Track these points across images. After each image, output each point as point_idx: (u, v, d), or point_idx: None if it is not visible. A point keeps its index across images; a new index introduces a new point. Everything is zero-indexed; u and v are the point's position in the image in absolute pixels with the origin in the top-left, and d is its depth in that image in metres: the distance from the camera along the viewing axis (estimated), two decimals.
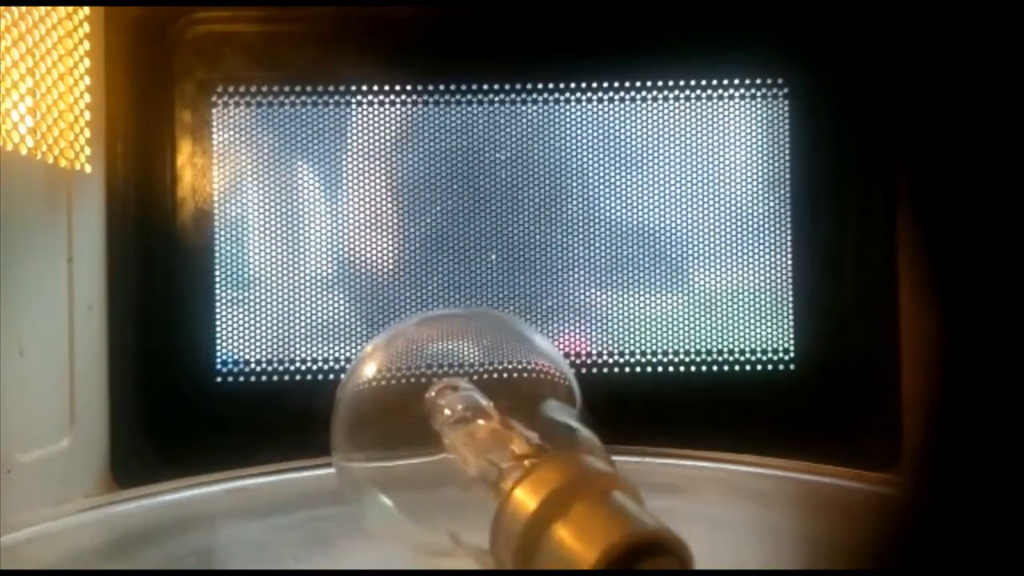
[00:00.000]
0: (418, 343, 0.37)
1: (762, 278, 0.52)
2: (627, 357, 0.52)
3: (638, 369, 0.52)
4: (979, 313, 0.26)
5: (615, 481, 0.26)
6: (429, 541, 0.32)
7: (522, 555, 0.25)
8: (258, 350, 0.51)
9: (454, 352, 0.36)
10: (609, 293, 0.52)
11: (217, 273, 0.51)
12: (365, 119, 0.52)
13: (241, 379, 0.51)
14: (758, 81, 0.52)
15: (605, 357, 0.52)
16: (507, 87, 0.52)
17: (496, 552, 0.27)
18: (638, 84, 0.52)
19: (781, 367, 0.52)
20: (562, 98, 0.52)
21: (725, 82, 0.52)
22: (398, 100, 0.52)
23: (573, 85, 0.52)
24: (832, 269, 0.52)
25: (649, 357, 0.52)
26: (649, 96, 0.52)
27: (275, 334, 0.51)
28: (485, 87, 0.52)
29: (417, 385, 0.34)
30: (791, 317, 0.52)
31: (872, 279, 0.50)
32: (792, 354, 0.52)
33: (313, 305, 0.52)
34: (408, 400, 0.34)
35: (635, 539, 0.24)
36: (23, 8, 0.40)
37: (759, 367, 0.52)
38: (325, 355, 0.51)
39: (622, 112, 0.52)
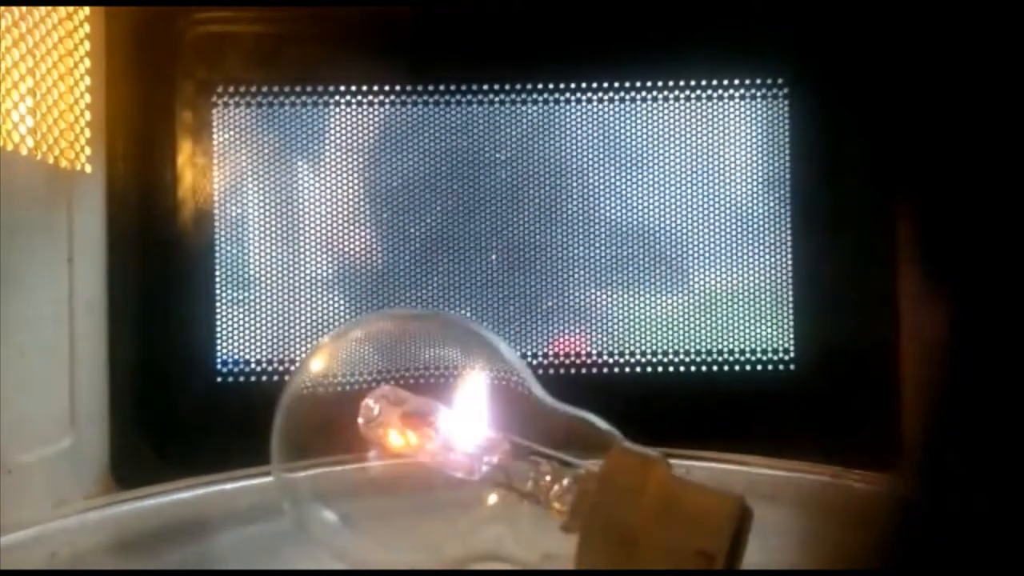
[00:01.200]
0: (367, 345, 0.36)
1: (762, 278, 0.52)
2: (627, 357, 0.52)
3: (638, 369, 0.52)
4: (979, 314, 0.26)
5: (666, 462, 0.27)
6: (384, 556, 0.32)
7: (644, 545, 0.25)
8: (258, 350, 0.51)
9: (407, 355, 0.36)
10: (609, 293, 0.52)
11: (217, 273, 0.51)
12: (365, 119, 0.52)
13: (241, 379, 0.51)
14: (758, 81, 0.52)
15: (605, 357, 0.52)
16: (507, 87, 0.52)
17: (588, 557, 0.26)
18: (638, 84, 0.52)
19: (781, 367, 0.52)
20: (562, 98, 0.52)
21: (725, 82, 0.52)
22: (398, 100, 0.52)
23: (573, 85, 0.52)
24: (832, 269, 0.51)
25: (649, 357, 0.52)
26: (649, 96, 0.52)
27: (275, 334, 0.51)
28: (485, 87, 0.52)
29: (360, 390, 0.33)
30: (791, 317, 0.52)
31: (872, 279, 0.50)
32: (792, 354, 0.52)
33: (313, 305, 0.51)
34: (353, 405, 0.33)
35: (742, 508, 0.25)
36: (24, 8, 0.40)
37: (759, 367, 0.52)
38: None
39: (622, 112, 0.52)
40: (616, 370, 0.52)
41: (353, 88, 0.51)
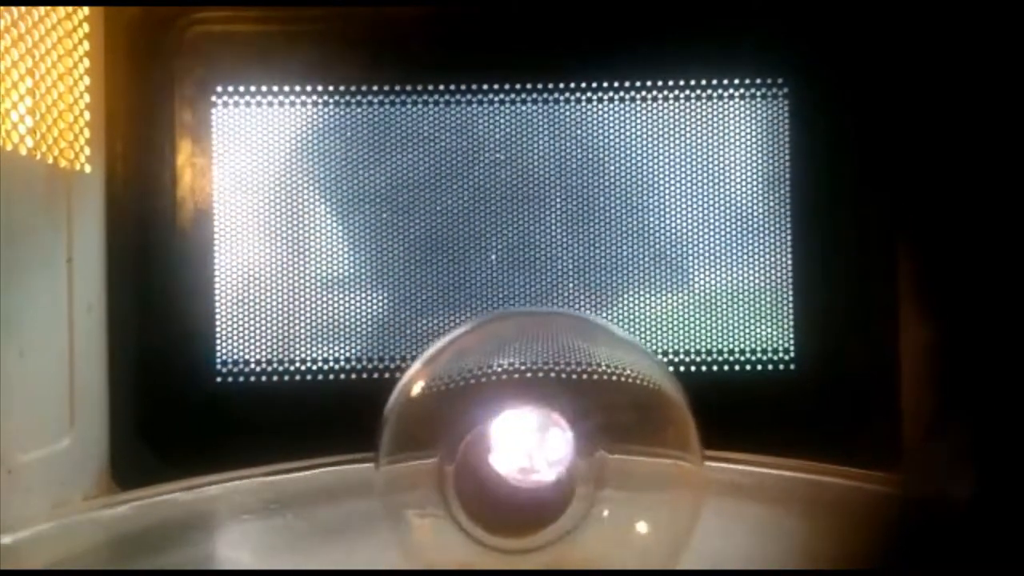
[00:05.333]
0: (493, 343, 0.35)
1: (762, 278, 0.52)
2: None
3: None
4: (974, 322, 0.26)
5: None
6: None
7: None
8: (258, 350, 0.51)
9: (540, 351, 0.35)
10: (609, 293, 0.52)
11: (217, 273, 0.51)
12: (364, 119, 0.52)
13: (241, 379, 0.51)
14: (758, 81, 0.52)
15: None
16: (507, 87, 0.52)
17: None
18: (638, 84, 0.52)
19: (781, 367, 0.52)
20: (561, 98, 0.52)
21: (725, 82, 0.52)
22: (398, 100, 0.52)
23: (572, 85, 0.52)
24: (832, 269, 0.51)
25: None
26: (649, 96, 0.52)
27: (275, 334, 0.51)
28: (485, 87, 0.52)
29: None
30: (791, 317, 0.52)
31: (872, 279, 0.50)
32: (792, 354, 0.52)
33: (313, 305, 0.51)
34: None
35: None
36: (23, 8, 0.40)
37: (759, 367, 0.52)
38: (325, 355, 0.51)
39: (622, 112, 0.52)
40: None
41: (352, 88, 0.51)
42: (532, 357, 0.34)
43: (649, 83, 0.52)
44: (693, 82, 0.52)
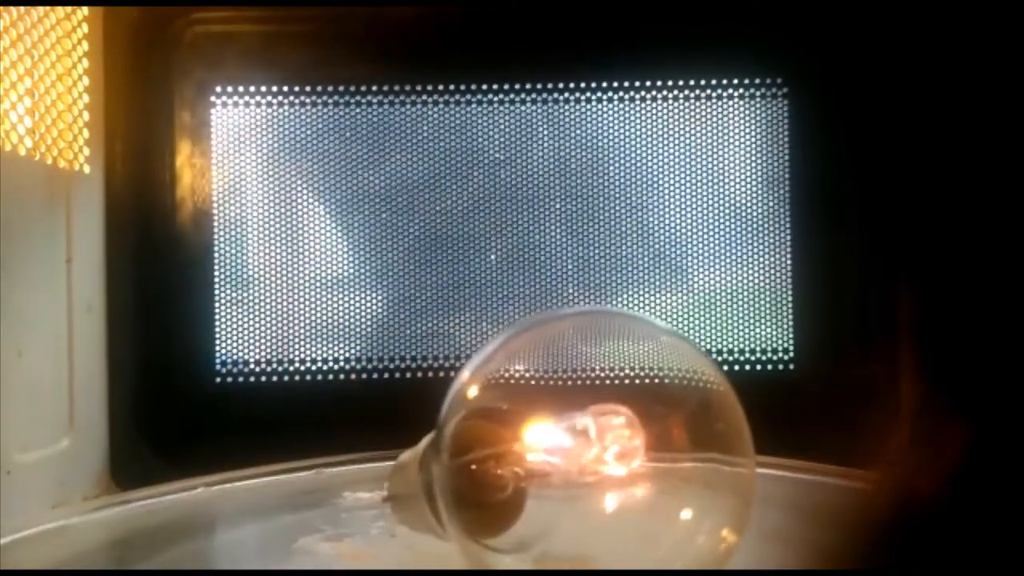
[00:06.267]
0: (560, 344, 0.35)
1: (762, 278, 0.52)
2: None
3: None
4: (974, 324, 0.26)
5: None
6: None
7: None
8: (258, 350, 0.51)
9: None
10: (609, 293, 0.52)
11: (216, 273, 0.51)
12: (364, 119, 0.52)
13: (241, 379, 0.51)
14: (758, 81, 0.52)
15: None
16: (507, 87, 0.52)
17: None
18: (638, 84, 0.52)
19: (781, 367, 0.52)
20: (562, 98, 0.52)
21: (725, 82, 0.52)
22: (397, 100, 0.52)
23: (573, 85, 0.52)
24: (832, 269, 0.51)
25: None
26: (649, 96, 0.52)
27: (275, 334, 0.51)
28: (485, 87, 0.52)
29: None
30: (791, 317, 0.52)
31: (871, 278, 0.50)
32: (792, 354, 0.52)
33: (313, 305, 0.51)
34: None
35: None
36: (22, 8, 0.40)
37: (759, 367, 0.52)
38: (325, 355, 0.51)
39: (622, 112, 0.52)
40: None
41: (352, 88, 0.51)
42: (583, 361, 0.35)
43: (649, 83, 0.52)
44: (693, 82, 0.52)
